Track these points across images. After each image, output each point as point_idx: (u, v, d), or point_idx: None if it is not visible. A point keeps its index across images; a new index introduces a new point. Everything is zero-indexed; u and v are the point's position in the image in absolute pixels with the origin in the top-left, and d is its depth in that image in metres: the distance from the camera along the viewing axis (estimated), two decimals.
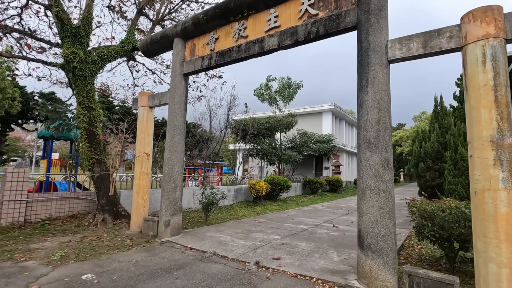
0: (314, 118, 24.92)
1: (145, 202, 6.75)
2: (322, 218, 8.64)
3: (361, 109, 3.72)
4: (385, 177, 3.50)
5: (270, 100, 19.79)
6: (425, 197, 10.66)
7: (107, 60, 7.66)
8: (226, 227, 6.96)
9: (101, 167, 7.21)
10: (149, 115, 6.96)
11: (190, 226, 7.09)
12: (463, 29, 3.22)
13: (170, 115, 6.19)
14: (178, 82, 6.24)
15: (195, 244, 5.35)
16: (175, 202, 6.02)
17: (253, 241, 5.58)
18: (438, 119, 10.06)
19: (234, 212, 9.79)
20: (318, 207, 11.62)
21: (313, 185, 17.20)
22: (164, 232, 5.85)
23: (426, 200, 5.08)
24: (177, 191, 6.08)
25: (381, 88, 3.62)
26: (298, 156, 16.11)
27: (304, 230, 6.80)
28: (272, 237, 6.06)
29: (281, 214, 9.34)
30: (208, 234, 6.19)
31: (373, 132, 3.58)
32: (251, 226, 7.15)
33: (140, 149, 6.79)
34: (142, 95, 6.98)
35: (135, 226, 6.54)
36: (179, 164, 6.14)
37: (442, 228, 4.08)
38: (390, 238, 3.42)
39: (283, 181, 13.04)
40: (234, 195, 11.68)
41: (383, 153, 3.54)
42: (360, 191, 3.64)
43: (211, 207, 7.64)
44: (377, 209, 3.46)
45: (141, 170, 6.75)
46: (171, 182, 6.01)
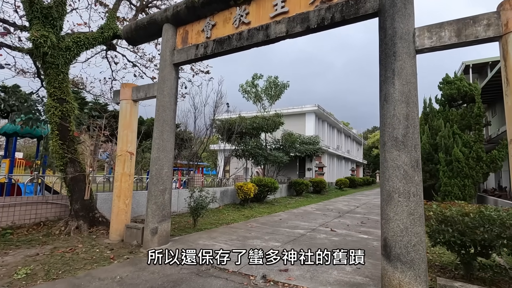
0: (298, 119, 24.80)
1: (127, 207, 6.01)
2: (316, 222, 8.28)
3: (386, 104, 3.33)
4: (415, 179, 3.13)
5: (255, 98, 19.35)
6: None
7: (84, 47, 6.81)
8: (219, 234, 6.37)
9: (75, 167, 6.36)
10: (132, 109, 6.23)
11: (177, 233, 6.43)
12: (503, 17, 2.92)
13: (159, 109, 5.52)
14: (167, 73, 5.59)
15: None
16: (164, 207, 5.36)
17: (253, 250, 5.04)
18: (427, 120, 10.11)
19: (222, 216, 9.19)
20: (308, 209, 11.30)
21: (299, 187, 16.94)
22: (151, 241, 5.17)
23: (443, 204, 4.85)
24: (166, 195, 5.42)
25: (409, 80, 3.26)
26: (284, 157, 15.78)
27: (302, 235, 6.38)
28: (271, 244, 5.57)
29: (272, 218, 8.88)
30: (201, 242, 5.58)
31: (401, 129, 3.20)
32: (245, 232, 6.61)
33: (122, 147, 6.04)
34: (125, 86, 6.23)
35: (115, 234, 5.78)
36: (168, 164, 5.48)
37: (463, 234, 3.81)
38: (421, 247, 3.05)
39: (271, 183, 12.61)
40: (221, 198, 11.07)
41: (412, 152, 3.17)
42: (385, 195, 3.24)
43: (200, 212, 7.01)
44: (406, 215, 3.07)
45: (123, 171, 6.00)
46: (159, 184, 5.34)
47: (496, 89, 14.32)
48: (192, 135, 14.87)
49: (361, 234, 6.76)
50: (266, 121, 16.04)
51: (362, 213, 10.35)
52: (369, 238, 6.34)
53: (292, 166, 23.08)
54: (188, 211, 7.92)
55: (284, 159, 15.76)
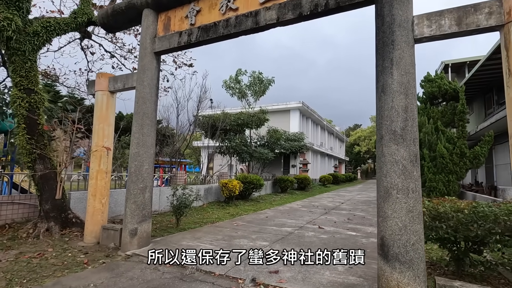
0: (282, 115, 24.69)
1: (104, 207, 5.57)
2: (303, 219, 8.14)
3: (384, 95, 3.16)
4: (414, 175, 2.98)
5: (239, 94, 19.01)
6: None
7: (55, 32, 6.23)
8: (203, 233, 6.06)
9: (45, 164, 5.82)
10: (109, 101, 5.76)
11: (159, 234, 6.06)
12: (505, 5, 2.80)
13: (138, 101, 5.11)
14: (148, 62, 5.18)
15: None
16: (144, 206, 4.98)
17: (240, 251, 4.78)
18: None
19: (206, 214, 8.87)
20: (294, 206, 11.17)
21: (284, 183, 16.84)
22: (130, 243, 4.79)
23: (435, 200, 4.81)
24: (146, 193, 5.04)
25: (408, 70, 3.09)
26: (270, 154, 15.58)
27: (290, 234, 6.19)
28: (259, 243, 5.33)
29: (258, 216, 8.65)
30: (184, 243, 5.25)
31: (400, 121, 3.04)
32: (231, 231, 6.33)
33: (98, 142, 5.58)
34: (101, 76, 5.75)
35: (90, 236, 5.34)
36: (148, 160, 5.10)
37: (456, 230, 3.73)
38: (420, 246, 2.90)
39: (256, 180, 12.39)
40: (205, 195, 10.72)
41: (411, 147, 3.01)
42: (382, 191, 3.07)
43: (183, 210, 6.66)
44: (405, 212, 2.92)
45: (99, 168, 5.54)
46: (139, 182, 4.95)
47: (473, 88, 14.80)
48: (175, 131, 14.34)
49: (349, 231, 6.67)
50: (251, 118, 15.77)
51: (347, 210, 10.34)
52: (357, 235, 6.25)
53: (276, 163, 22.99)
54: (170, 210, 7.55)
55: (270, 155, 15.58)
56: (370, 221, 8.09)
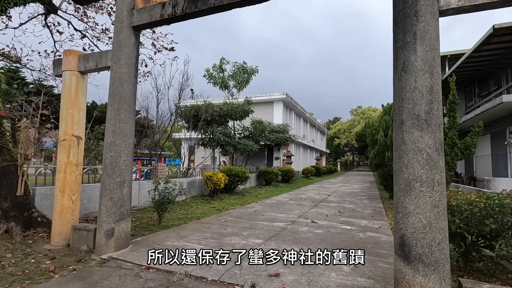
0: (266, 107, 24.26)
1: (74, 204, 4.88)
2: (293, 213, 7.80)
3: (405, 74, 2.76)
4: (439, 165, 2.63)
5: (222, 84, 18.26)
6: (384, 185, 10.74)
7: (12, 2, 5.32)
8: (189, 231, 5.52)
9: (3, 155, 5.01)
10: (79, 83, 5.01)
11: (140, 232, 5.46)
12: None
13: (114, 82, 4.43)
14: (125, 38, 4.49)
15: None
16: (122, 203, 4.36)
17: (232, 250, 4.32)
18: None
19: (191, 209, 8.31)
20: (281, 199, 10.84)
21: (268, 176, 16.50)
22: (106, 246, 4.18)
23: (447, 192, 4.61)
24: (125, 188, 4.42)
25: (433, 46, 2.71)
26: (255, 146, 15.13)
27: (283, 229, 5.80)
28: (252, 241, 4.89)
29: (246, 210, 8.21)
30: (169, 243, 4.70)
31: (425, 104, 2.66)
32: (220, 228, 5.85)
33: (67, 130, 4.84)
34: (69, 54, 4.97)
35: (58, 238, 4.66)
36: (127, 150, 4.46)
37: (467, 224, 3.48)
38: (446, 245, 2.57)
39: (241, 172, 11.92)
40: (188, 189, 10.11)
41: (436, 133, 2.65)
42: (403, 184, 2.70)
43: (167, 206, 6.07)
44: (430, 207, 2.56)
45: (68, 160, 4.83)
46: (116, 175, 4.32)
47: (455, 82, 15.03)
48: (154, 122, 13.48)
49: (343, 224, 6.39)
50: (235, 108, 15.19)
51: (335, 202, 10.15)
52: (353, 229, 5.98)
53: (260, 156, 22.61)
54: (151, 205, 6.93)
55: (254, 147, 15.13)
56: (361, 213, 7.90)
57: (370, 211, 8.34)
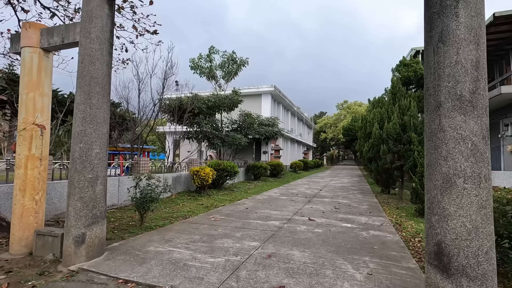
0: (254, 100, 23.63)
1: (38, 205, 4.15)
2: (287, 210, 7.31)
3: (444, 46, 2.25)
4: (486, 157, 2.16)
5: (209, 74, 17.44)
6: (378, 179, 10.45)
7: None
8: (175, 233, 4.91)
9: None
10: (42, 62, 4.24)
11: (118, 235, 4.79)
12: None
13: (84, 60, 3.72)
14: (96, 7, 3.77)
15: (134, 271, 3.23)
16: (95, 204, 3.69)
17: (225, 255, 3.75)
18: (395, 100, 9.80)
19: (176, 207, 7.67)
20: (272, 195, 10.35)
21: (257, 170, 15.99)
22: (75, 254, 3.51)
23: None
24: (98, 186, 3.75)
25: (479, 10, 2.21)
26: (243, 139, 14.52)
27: (280, 229, 5.29)
28: (247, 244, 4.34)
29: (237, 207, 7.65)
30: (151, 248, 4.08)
31: (469, 82, 2.17)
32: (210, 229, 5.26)
33: (27, 117, 4.08)
34: (29, 27, 4.18)
35: (19, 245, 3.94)
36: (100, 141, 3.78)
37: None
38: (493, 254, 2.12)
39: (230, 167, 11.32)
40: (173, 185, 9.43)
41: (483, 117, 2.17)
42: (440, 180, 2.22)
43: (149, 205, 5.41)
44: (476, 208, 2.09)
45: (29, 153, 4.08)
46: (87, 171, 3.64)
47: None
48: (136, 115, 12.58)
49: (343, 222, 5.97)
50: (223, 100, 14.48)
51: (329, 197, 9.77)
52: (354, 227, 5.55)
53: (248, 149, 22.04)
54: (132, 203, 6.24)
55: (243, 141, 14.53)
56: (358, 209, 7.52)
57: (366, 207, 7.98)
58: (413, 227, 5.88)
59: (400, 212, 7.44)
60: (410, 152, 8.64)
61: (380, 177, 10.13)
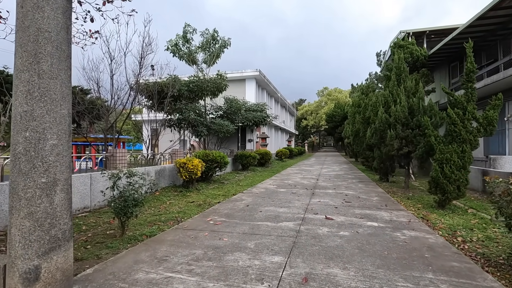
0: (238, 85, 22.32)
1: None
2: (294, 205, 6.39)
3: None
4: None
5: (189, 57, 15.87)
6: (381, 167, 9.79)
7: None
8: (170, 246, 3.79)
9: None
10: None
11: (92, 253, 3.60)
12: None
13: (25, 3, 2.42)
14: None
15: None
16: (54, 221, 2.49)
17: (247, 283, 2.74)
18: (400, 82, 9.05)
19: (163, 206, 6.51)
20: (268, 187, 9.39)
21: (246, 160, 14.95)
22: None
23: (488, 179, 3.56)
24: (58, 194, 2.54)
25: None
26: (231, 126, 13.35)
27: (299, 234, 4.34)
28: (268, 260, 3.34)
29: (235, 205, 6.61)
30: (141, 275, 2.95)
31: None
32: (213, 237, 4.20)
33: None
34: None
35: None
36: (58, 128, 2.54)
37: None
38: None
39: (220, 157, 10.20)
40: (156, 180, 8.19)
41: None
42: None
43: (132, 211, 4.22)
44: None
45: None
46: (38, 173, 2.41)
47: (438, 56, 14.55)
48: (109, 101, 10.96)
49: (364, 220, 5.14)
50: (206, 82, 13.14)
51: (331, 188, 8.99)
52: (382, 226, 4.73)
53: (232, 138, 20.87)
54: (108, 204, 5.01)
55: (231, 128, 13.37)
56: (370, 202, 6.77)
57: (376, 198, 7.26)
58: (441, 222, 5.18)
59: (415, 203, 6.79)
60: (420, 137, 7.98)
61: (383, 164, 9.47)
